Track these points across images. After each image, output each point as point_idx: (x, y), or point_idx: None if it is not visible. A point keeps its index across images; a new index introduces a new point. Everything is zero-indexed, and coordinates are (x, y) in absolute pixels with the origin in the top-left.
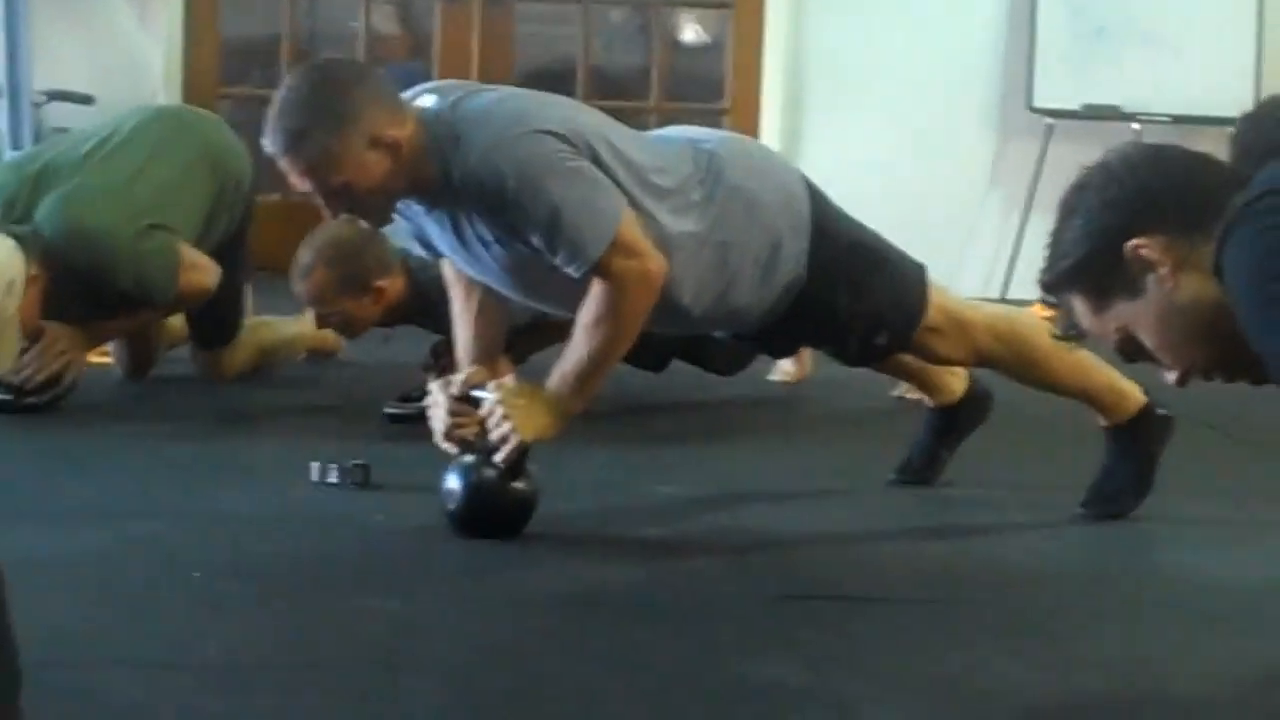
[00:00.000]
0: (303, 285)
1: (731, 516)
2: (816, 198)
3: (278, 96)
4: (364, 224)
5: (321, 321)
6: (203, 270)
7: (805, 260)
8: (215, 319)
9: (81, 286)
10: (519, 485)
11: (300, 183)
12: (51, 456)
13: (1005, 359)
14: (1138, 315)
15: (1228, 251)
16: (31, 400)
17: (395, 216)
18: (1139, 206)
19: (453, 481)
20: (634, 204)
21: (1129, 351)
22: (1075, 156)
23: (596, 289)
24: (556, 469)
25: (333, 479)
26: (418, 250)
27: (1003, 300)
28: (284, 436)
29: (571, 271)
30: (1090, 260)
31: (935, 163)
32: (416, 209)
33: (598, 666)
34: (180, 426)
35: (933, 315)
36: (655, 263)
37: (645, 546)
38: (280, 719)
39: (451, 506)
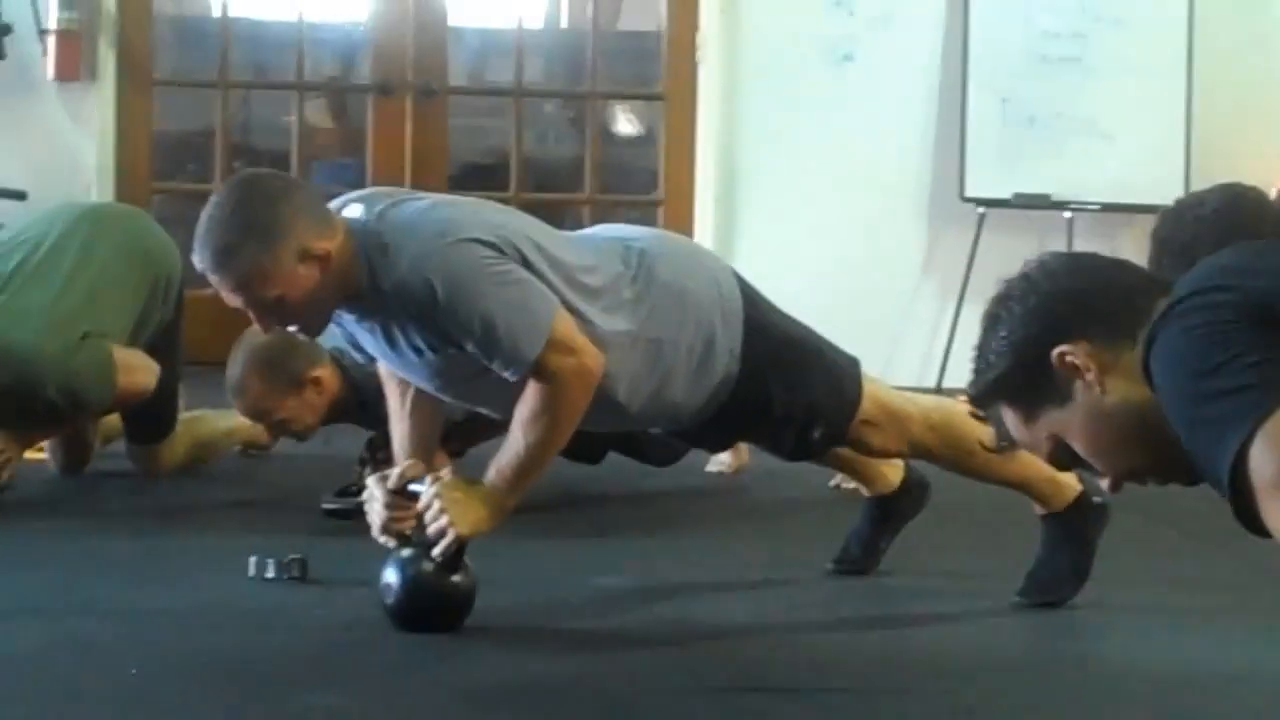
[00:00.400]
0: (240, 400)
1: (672, 608)
2: (748, 293)
3: (205, 214)
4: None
5: (270, 431)
6: (141, 371)
7: (739, 355)
8: (151, 415)
9: (12, 402)
10: (457, 579)
11: (231, 299)
12: None
13: (941, 450)
14: (1068, 423)
15: (1155, 352)
16: None
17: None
18: (1062, 313)
19: (390, 575)
20: (565, 304)
21: (1061, 460)
22: (1008, 244)
23: (533, 385)
24: (495, 562)
25: (270, 574)
26: (352, 353)
27: (938, 389)
28: (220, 531)
29: (509, 375)
30: (1017, 370)
31: (870, 252)
32: (348, 317)
33: None
34: (116, 522)
35: (867, 408)
36: (592, 358)
37: (586, 638)
38: None
39: (389, 600)
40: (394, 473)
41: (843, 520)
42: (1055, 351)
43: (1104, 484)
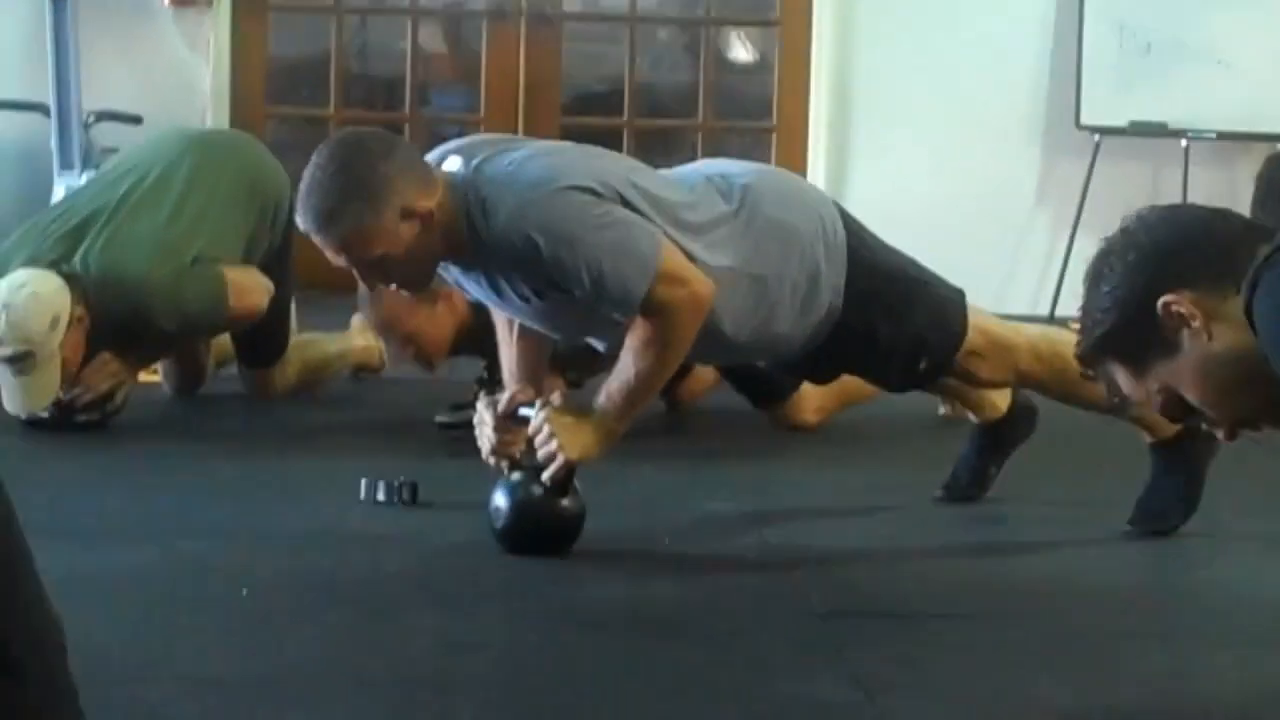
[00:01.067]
0: (373, 309)
1: (779, 533)
2: (852, 227)
3: (307, 175)
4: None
5: (398, 350)
6: (254, 291)
7: (843, 290)
8: (262, 338)
9: (125, 330)
10: (566, 503)
11: (335, 259)
12: (99, 474)
13: (1047, 380)
14: (1178, 373)
15: (1258, 297)
16: (82, 418)
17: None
18: (1163, 264)
19: (500, 499)
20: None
21: (1174, 411)
22: (1123, 173)
23: (644, 315)
24: (603, 487)
25: (380, 496)
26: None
27: (1051, 318)
28: (332, 454)
29: (618, 317)
30: (1123, 324)
31: (984, 180)
32: (454, 269)
33: (645, 684)
34: (228, 445)
35: (973, 339)
36: (702, 285)
37: (692, 564)
38: None
39: (499, 524)
40: (503, 397)
41: (951, 447)
42: (1160, 302)
43: (1219, 434)
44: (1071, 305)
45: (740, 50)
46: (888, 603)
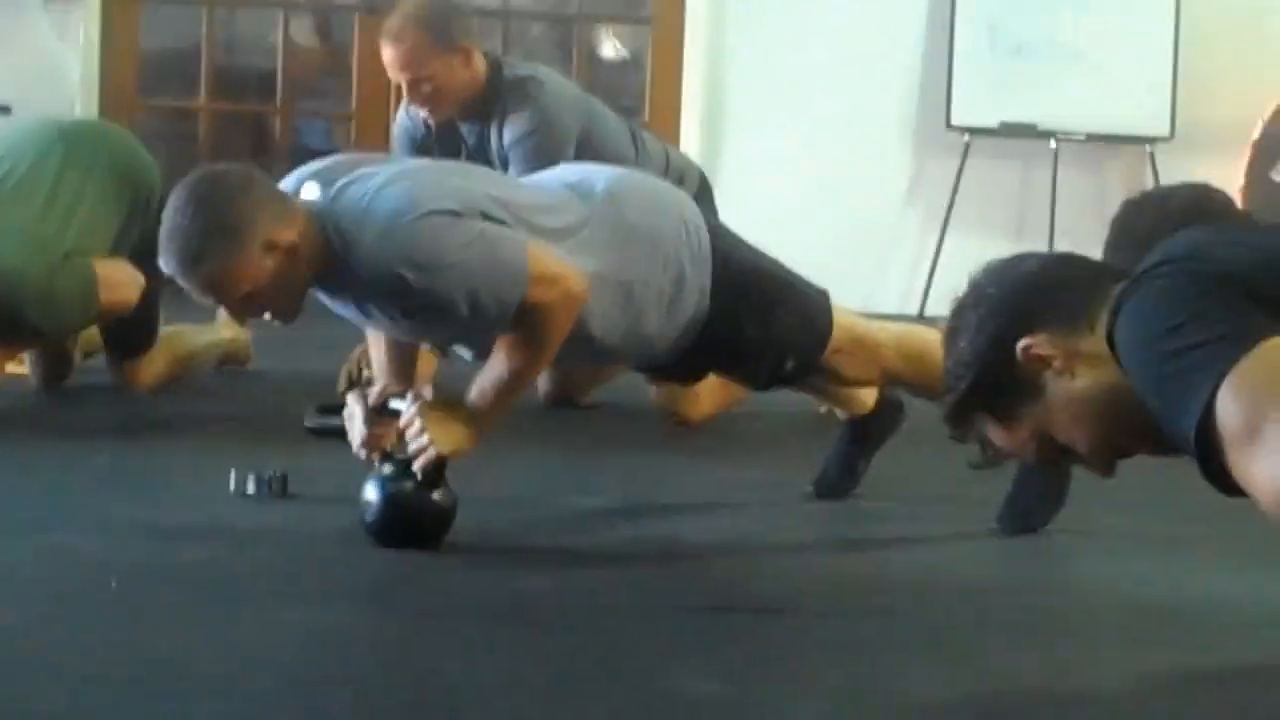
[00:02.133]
0: (394, 49)
1: (650, 527)
2: (716, 229)
3: (165, 218)
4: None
5: (413, 90)
6: (124, 286)
7: (709, 291)
8: (131, 329)
9: None
10: (437, 496)
11: (203, 299)
12: None
13: (914, 377)
14: (1046, 415)
15: (1120, 321)
16: None
17: None
18: (1015, 310)
19: (371, 492)
20: None
21: (1050, 457)
22: (993, 173)
23: (518, 314)
24: (475, 481)
25: (251, 489)
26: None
27: (920, 317)
28: (201, 446)
29: (498, 331)
30: (985, 374)
31: (854, 179)
32: (321, 293)
33: (516, 678)
34: (96, 435)
35: (839, 338)
36: (574, 281)
37: (563, 557)
38: None
39: (370, 517)
40: (374, 390)
41: (825, 444)
42: (1019, 346)
43: (1097, 473)
44: (940, 305)
45: (611, 48)
46: (761, 598)
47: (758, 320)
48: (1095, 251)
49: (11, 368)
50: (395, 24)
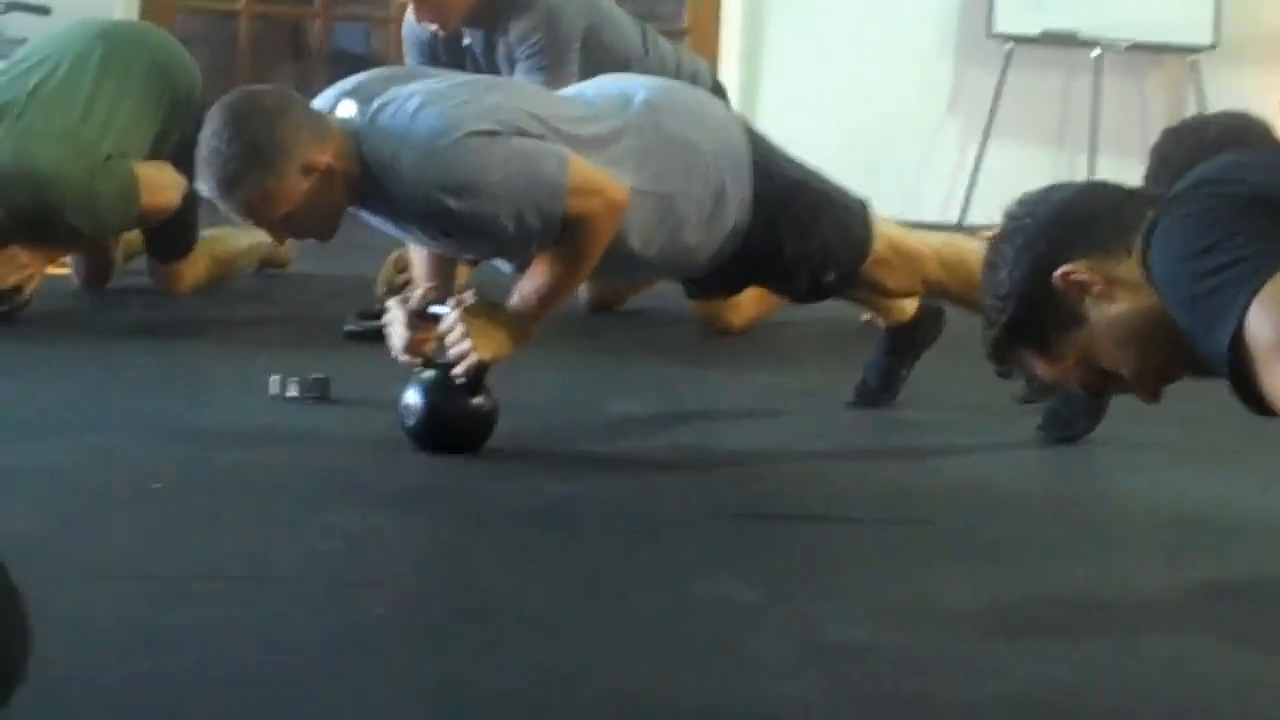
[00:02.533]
0: None
1: (691, 435)
2: (756, 141)
3: (203, 142)
4: None
5: (419, 6)
6: (166, 188)
7: (749, 204)
8: (172, 232)
9: (34, 224)
10: (478, 401)
11: (243, 220)
12: (5, 367)
13: (955, 288)
14: (1088, 342)
15: (1154, 242)
16: None
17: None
18: (1052, 238)
19: (411, 397)
20: None
21: (1096, 385)
22: (1034, 82)
23: (562, 228)
24: (515, 386)
25: (292, 393)
26: None
27: (959, 226)
28: (243, 350)
29: (546, 241)
30: (1026, 306)
31: (895, 87)
32: (362, 212)
33: (551, 583)
34: (137, 339)
35: (879, 249)
36: (615, 190)
37: (604, 463)
38: (231, 634)
39: (410, 421)
40: (415, 294)
41: (866, 353)
42: (1057, 274)
43: (1141, 398)
44: (980, 214)
45: None
46: (799, 505)
47: (798, 232)
48: (1135, 161)
49: (54, 269)
50: None
